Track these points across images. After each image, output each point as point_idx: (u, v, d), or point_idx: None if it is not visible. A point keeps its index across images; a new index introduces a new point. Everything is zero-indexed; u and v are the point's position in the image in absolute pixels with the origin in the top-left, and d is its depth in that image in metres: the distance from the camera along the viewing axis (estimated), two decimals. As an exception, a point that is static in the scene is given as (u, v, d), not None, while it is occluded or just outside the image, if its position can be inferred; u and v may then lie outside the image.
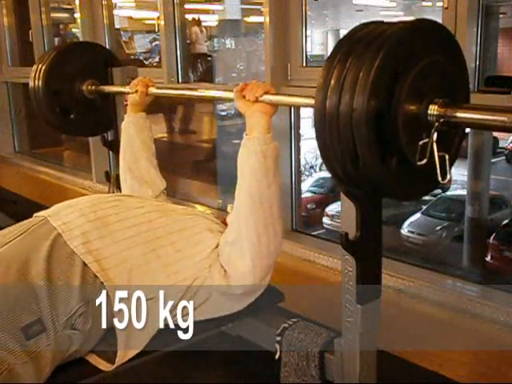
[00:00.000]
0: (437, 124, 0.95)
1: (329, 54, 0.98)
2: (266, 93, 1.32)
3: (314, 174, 7.56)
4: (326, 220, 6.11)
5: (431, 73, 0.98)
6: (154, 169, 1.79)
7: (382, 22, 0.99)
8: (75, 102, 2.02)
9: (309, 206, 6.37)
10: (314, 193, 6.51)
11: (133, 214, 1.39)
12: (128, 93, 1.79)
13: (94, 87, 2.01)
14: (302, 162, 6.25)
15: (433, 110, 0.97)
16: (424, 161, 0.96)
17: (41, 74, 1.94)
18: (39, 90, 1.94)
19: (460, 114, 0.96)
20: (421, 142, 0.96)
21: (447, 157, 0.97)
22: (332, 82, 0.93)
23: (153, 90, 1.77)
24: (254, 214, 1.30)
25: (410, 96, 0.94)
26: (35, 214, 1.39)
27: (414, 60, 0.95)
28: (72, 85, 2.00)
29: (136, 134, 1.76)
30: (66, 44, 2.59)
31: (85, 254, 1.24)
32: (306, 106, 1.22)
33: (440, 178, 0.97)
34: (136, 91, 1.76)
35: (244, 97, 1.34)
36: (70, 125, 2.06)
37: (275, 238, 1.32)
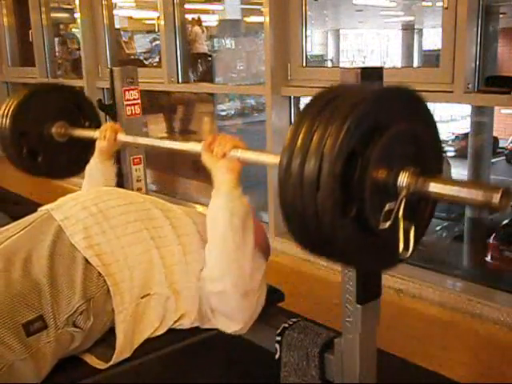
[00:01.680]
0: (404, 192, 0.92)
1: (329, 55, 0.97)
2: (235, 147, 1.30)
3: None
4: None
5: (403, 140, 0.94)
6: None
7: (352, 86, 0.97)
8: (43, 145, 1.95)
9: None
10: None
11: (135, 208, 1.39)
12: (96, 139, 1.77)
13: (63, 130, 1.96)
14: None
15: (403, 177, 0.93)
16: (387, 224, 0.92)
17: (8, 113, 1.88)
18: (6, 130, 1.88)
19: (431, 187, 0.92)
20: (387, 207, 0.92)
21: (413, 228, 0.94)
22: (298, 143, 0.90)
23: (121, 137, 1.75)
24: (223, 275, 1.29)
25: (380, 161, 0.90)
26: (39, 208, 1.39)
27: (386, 125, 0.91)
28: (41, 126, 1.94)
29: (102, 182, 1.75)
30: (36, 85, 2.51)
31: (85, 249, 1.24)
32: (274, 165, 1.19)
33: (401, 249, 0.93)
34: (104, 137, 1.74)
35: (212, 151, 1.32)
36: (38, 167, 1.98)
37: (247, 298, 1.31)
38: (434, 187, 0.92)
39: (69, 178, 2.18)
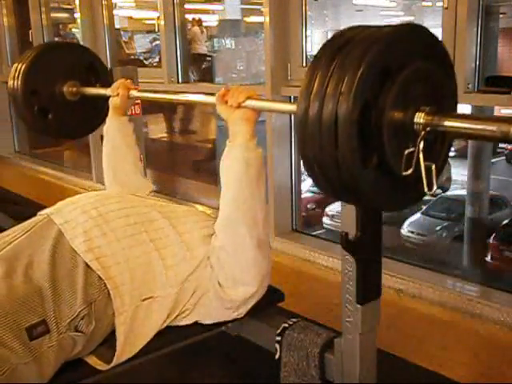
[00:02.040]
0: (423, 133, 0.92)
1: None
2: (249, 98, 1.29)
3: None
4: (325, 220, 6.11)
5: (418, 80, 0.94)
6: (140, 173, 1.78)
7: (368, 27, 0.97)
8: (54, 103, 1.95)
9: (309, 206, 6.37)
10: (314, 193, 6.51)
11: (135, 212, 1.39)
12: (109, 96, 1.76)
13: (74, 89, 1.96)
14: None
15: (419, 118, 0.93)
16: (410, 171, 0.93)
17: (20, 73, 1.89)
18: (17, 89, 1.89)
19: (447, 123, 0.93)
20: (406, 151, 0.93)
21: (434, 167, 0.94)
22: (315, 88, 0.90)
23: (134, 92, 1.75)
24: (238, 224, 1.29)
25: (396, 103, 0.91)
26: (39, 213, 1.39)
27: (400, 66, 0.92)
28: (52, 85, 1.94)
29: (120, 138, 1.74)
30: (47, 43, 2.49)
31: (85, 253, 1.24)
32: (289, 112, 1.19)
33: (426, 189, 0.94)
34: (117, 94, 1.73)
35: (226, 102, 1.31)
36: (49, 126, 1.98)
37: (261, 249, 1.31)
38: (451, 123, 0.93)
39: (78, 137, 2.19)
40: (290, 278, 2.16)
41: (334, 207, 5.99)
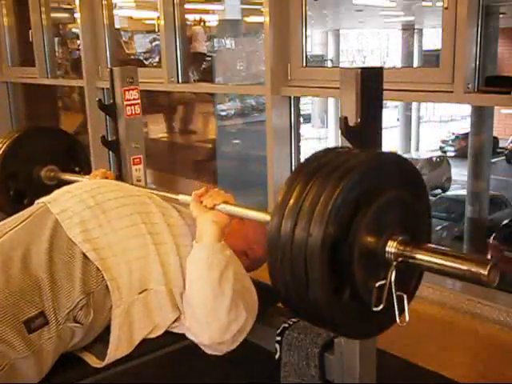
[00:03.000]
0: (395, 263, 0.92)
1: (329, 55, 0.97)
2: (225, 202, 1.31)
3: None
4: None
5: (393, 208, 0.94)
6: None
7: (348, 149, 0.98)
8: (31, 187, 1.94)
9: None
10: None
11: (132, 201, 1.39)
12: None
13: (53, 173, 1.96)
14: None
15: (391, 246, 0.93)
16: (380, 306, 0.92)
17: None
18: None
19: (419, 256, 0.92)
20: (377, 284, 0.92)
21: (405, 297, 0.95)
22: (290, 203, 0.90)
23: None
24: (206, 325, 1.27)
25: (368, 231, 0.91)
26: (36, 201, 1.39)
27: (377, 193, 0.92)
28: (30, 169, 1.94)
29: None
30: (28, 127, 2.51)
31: (82, 243, 1.23)
32: (263, 220, 1.20)
33: (398, 319, 0.95)
34: None
35: (201, 202, 1.33)
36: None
37: (234, 338, 1.30)
38: (423, 256, 0.93)
39: None
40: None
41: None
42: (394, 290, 0.92)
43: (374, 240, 0.92)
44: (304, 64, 2.31)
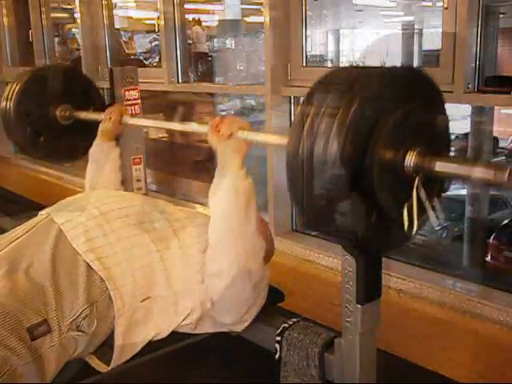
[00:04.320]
0: (417, 180, 0.92)
1: (329, 55, 0.97)
2: (241, 129, 1.31)
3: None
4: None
5: (410, 121, 0.94)
6: None
7: (362, 67, 0.97)
8: (47, 126, 1.95)
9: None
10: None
11: (136, 211, 1.39)
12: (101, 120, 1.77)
13: (68, 112, 1.96)
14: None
15: (410, 158, 0.93)
16: (415, 228, 0.93)
17: (13, 94, 1.89)
18: (10, 110, 1.88)
19: (439, 166, 0.93)
20: (406, 205, 0.92)
21: (437, 202, 0.95)
22: (307, 124, 0.90)
23: (127, 119, 1.76)
24: (230, 252, 1.29)
25: (386, 144, 0.90)
26: (40, 212, 1.39)
27: (392, 107, 0.91)
28: (45, 108, 1.94)
29: (105, 163, 1.75)
30: (42, 66, 2.49)
31: (86, 253, 1.23)
32: (280, 145, 1.20)
33: (435, 224, 0.96)
34: (110, 118, 1.74)
35: (218, 131, 1.33)
36: (41, 148, 1.98)
37: (253, 275, 1.31)
38: (442, 166, 0.93)
39: (67, 162, 2.16)
40: (289, 278, 2.16)
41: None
42: (427, 203, 0.92)
43: (393, 154, 0.92)
44: (304, 64, 2.31)
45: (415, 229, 0.94)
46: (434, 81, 1.02)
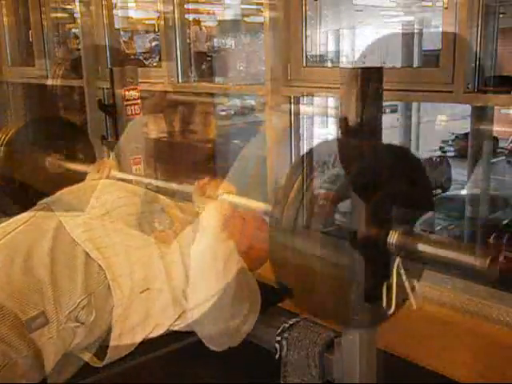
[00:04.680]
0: (397, 261, 0.94)
1: (329, 55, 0.97)
2: (227, 192, 1.34)
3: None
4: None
5: (395, 200, 0.95)
6: None
7: (350, 142, 0.99)
8: (36, 176, 1.98)
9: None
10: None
11: (135, 201, 1.39)
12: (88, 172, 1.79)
13: (57, 162, 1.99)
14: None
15: (393, 238, 0.94)
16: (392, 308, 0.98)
17: (3, 144, 1.94)
18: None
19: (421, 247, 0.93)
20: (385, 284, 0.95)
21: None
22: (290, 196, 0.92)
23: (115, 173, 1.77)
24: (211, 312, 1.30)
25: (369, 223, 0.92)
26: (39, 202, 1.39)
27: (376, 186, 0.93)
28: (34, 158, 1.97)
29: None
30: (33, 118, 2.55)
31: (86, 242, 1.24)
32: (264, 212, 1.22)
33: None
34: (98, 171, 1.76)
35: (204, 193, 1.35)
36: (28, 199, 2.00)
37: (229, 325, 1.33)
38: (424, 248, 0.94)
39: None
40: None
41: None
42: (407, 286, 0.96)
43: (375, 232, 0.93)
44: (304, 64, 2.31)
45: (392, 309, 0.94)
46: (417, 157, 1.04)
